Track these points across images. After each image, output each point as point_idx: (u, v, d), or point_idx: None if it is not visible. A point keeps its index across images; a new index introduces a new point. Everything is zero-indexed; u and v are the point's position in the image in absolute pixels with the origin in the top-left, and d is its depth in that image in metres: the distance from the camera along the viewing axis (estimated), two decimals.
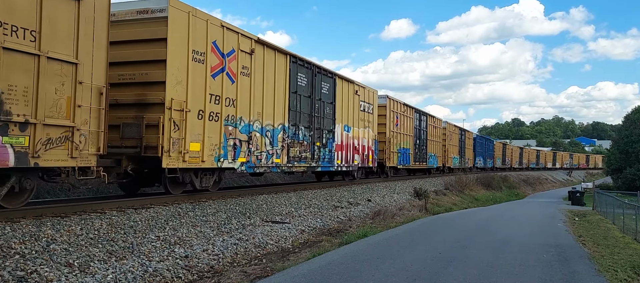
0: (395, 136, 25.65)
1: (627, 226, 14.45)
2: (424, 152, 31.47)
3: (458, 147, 42.24)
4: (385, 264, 7.92)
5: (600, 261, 9.03)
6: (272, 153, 14.30)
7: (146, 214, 9.58)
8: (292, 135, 15.38)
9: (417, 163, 30.05)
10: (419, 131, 30.35)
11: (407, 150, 27.86)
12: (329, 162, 17.93)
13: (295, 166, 15.69)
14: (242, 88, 12.93)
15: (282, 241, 10.06)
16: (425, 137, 31.66)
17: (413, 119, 29.00)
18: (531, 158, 77.91)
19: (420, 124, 30.91)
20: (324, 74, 17.79)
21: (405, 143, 27.47)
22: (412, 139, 28.69)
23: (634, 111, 43.03)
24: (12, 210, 8.32)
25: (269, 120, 14.21)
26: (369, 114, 22.01)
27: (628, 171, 39.23)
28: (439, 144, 35.75)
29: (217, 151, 11.98)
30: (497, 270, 7.82)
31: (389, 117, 24.72)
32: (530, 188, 51.83)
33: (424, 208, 18.32)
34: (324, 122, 17.53)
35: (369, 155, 22.00)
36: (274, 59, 14.46)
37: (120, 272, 6.68)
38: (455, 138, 40.94)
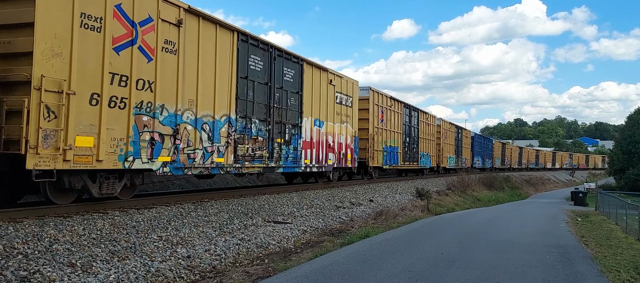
0: (380, 133, 23.31)
1: (630, 227, 14.40)
2: (415, 151, 29.27)
3: (454, 146, 40.25)
4: (387, 264, 7.91)
5: (603, 262, 9.01)
6: (211, 151, 11.69)
7: (148, 214, 9.60)
8: (242, 129, 12.82)
9: (406, 163, 27.74)
10: (408, 128, 28.03)
11: (395, 149, 25.58)
12: (293, 162, 15.29)
13: (245, 167, 13.05)
14: (165, 68, 10.20)
15: (284, 241, 10.06)
16: (416, 134, 29.44)
17: (402, 114, 26.71)
18: (531, 158, 76.66)
19: (411, 120, 28.61)
20: (287, 58, 14.99)
21: (393, 141, 25.16)
22: (400, 136, 26.37)
23: (637, 111, 42.96)
24: None
25: (207, 111, 11.56)
26: (348, 108, 19.50)
27: (631, 171, 39.16)
28: (433, 143, 33.61)
29: (124, 147, 9.27)
30: (499, 271, 7.81)
31: (372, 112, 22.34)
32: (532, 189, 51.72)
33: (426, 208, 18.30)
34: (286, 114, 14.88)
35: (348, 154, 19.62)
36: (215, 35, 11.77)
37: (123, 272, 6.69)
38: (451, 136, 39.03)
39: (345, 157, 19.41)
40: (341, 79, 18.92)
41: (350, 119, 19.79)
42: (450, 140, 38.64)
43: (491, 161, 55.34)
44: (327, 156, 17.81)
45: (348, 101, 19.59)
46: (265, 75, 13.90)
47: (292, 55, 15.33)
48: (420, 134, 30.12)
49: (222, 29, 12.10)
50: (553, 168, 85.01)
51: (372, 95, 22.46)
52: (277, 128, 14.46)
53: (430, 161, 32.88)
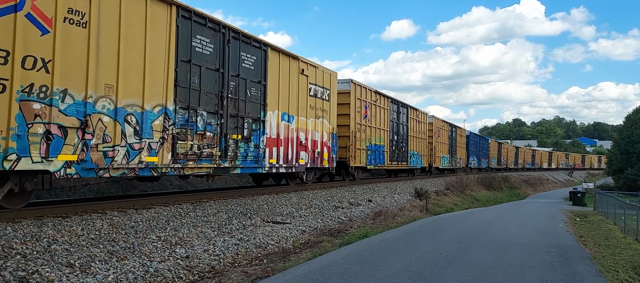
0: (364, 130, 21.44)
1: (629, 227, 14.43)
2: (404, 150, 27.31)
3: (448, 145, 38.35)
4: (386, 264, 7.92)
5: (601, 262, 9.02)
6: (139, 149, 9.70)
7: (147, 214, 9.59)
8: (184, 122, 10.90)
9: (394, 163, 25.89)
10: (397, 125, 26.18)
11: (381, 148, 23.70)
12: (254, 161, 13.42)
13: (189, 167, 11.14)
14: (69, 44, 8.34)
15: (283, 241, 10.06)
16: (405, 132, 27.58)
17: (389, 110, 24.81)
18: (527, 158, 75.49)
19: (399, 117, 26.65)
20: (245, 41, 12.98)
21: (378, 139, 23.27)
22: (387, 134, 24.48)
23: (635, 111, 43.02)
24: None
25: (132, 99, 9.54)
26: (324, 101, 17.57)
27: (629, 171, 39.24)
28: (424, 141, 31.57)
29: (2, 143, 7.47)
30: (498, 271, 7.81)
31: (354, 107, 20.50)
32: (531, 189, 51.78)
33: (425, 208, 18.31)
34: (246, 107, 12.99)
35: (324, 152, 17.63)
36: (145, 7, 9.86)
37: (121, 272, 6.68)
38: (444, 135, 37.17)
39: (320, 156, 17.40)
40: (316, 69, 16.98)
41: (327, 114, 17.87)
42: (443, 139, 36.96)
43: (487, 161, 54.07)
44: (299, 155, 15.81)
45: (325, 94, 17.66)
46: (217, 60, 11.92)
47: (252, 38, 13.27)
48: (409, 132, 28.36)
49: (156, 1, 10.11)
50: (549, 169, 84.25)
51: (353, 89, 20.64)
52: (233, 122, 12.54)
53: (421, 161, 31.05)
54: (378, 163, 23.42)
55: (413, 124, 29.06)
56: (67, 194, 13.20)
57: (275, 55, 14.48)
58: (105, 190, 14.33)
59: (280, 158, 14.79)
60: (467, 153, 45.36)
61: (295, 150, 15.63)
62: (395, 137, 25.91)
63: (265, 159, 13.96)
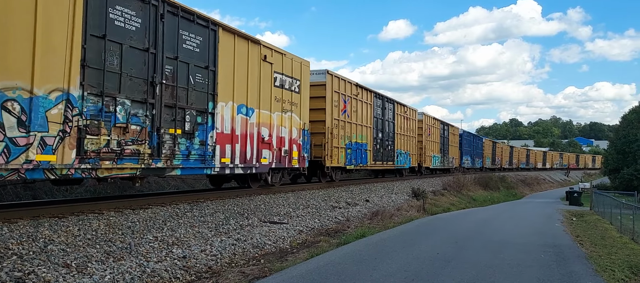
0: (342, 126, 19.44)
1: (625, 226, 14.48)
2: (390, 148, 25.19)
3: (439, 144, 36.26)
4: (383, 264, 7.92)
5: (597, 261, 9.05)
6: (26, 144, 7.61)
7: (144, 215, 9.57)
8: (96, 112, 8.76)
9: (378, 163, 23.74)
10: (381, 122, 24.01)
11: (363, 146, 21.59)
12: (200, 161, 11.36)
13: (105, 168, 9.00)
14: None
15: (280, 241, 10.06)
16: (391, 130, 25.46)
17: (372, 105, 22.67)
18: (521, 158, 74.01)
19: (384, 113, 24.48)
20: (187, 18, 10.94)
21: (360, 136, 21.25)
22: (370, 131, 22.34)
23: (631, 111, 43.19)
24: None
25: (13, 81, 7.44)
26: (294, 93, 15.57)
27: (625, 171, 39.38)
28: (413, 140, 29.47)
29: None
30: (495, 271, 7.83)
31: (330, 100, 18.48)
32: (528, 189, 51.92)
33: (422, 208, 18.33)
34: (188, 96, 10.88)
35: (293, 151, 15.59)
36: None
37: (118, 273, 6.67)
38: (435, 133, 35.18)
39: (289, 155, 15.35)
40: (283, 56, 14.93)
41: (297, 107, 15.80)
42: (434, 138, 34.95)
43: (481, 160, 52.35)
44: (260, 154, 13.74)
45: (294, 85, 15.61)
46: (146, 39, 9.80)
47: (196, 15, 11.14)
48: (396, 129, 26.23)
49: None
50: (544, 168, 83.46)
51: (330, 81, 18.63)
52: (170, 114, 10.46)
53: (409, 160, 28.84)
54: (359, 163, 21.31)
55: (400, 121, 27.08)
56: (63, 194, 13.17)
57: (229, 37, 12.34)
58: (102, 190, 14.30)
59: (236, 158, 12.67)
60: (461, 153, 43.90)
61: (255, 148, 13.55)
62: (379, 134, 23.82)
63: (215, 158, 11.81)
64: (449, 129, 39.79)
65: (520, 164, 71.87)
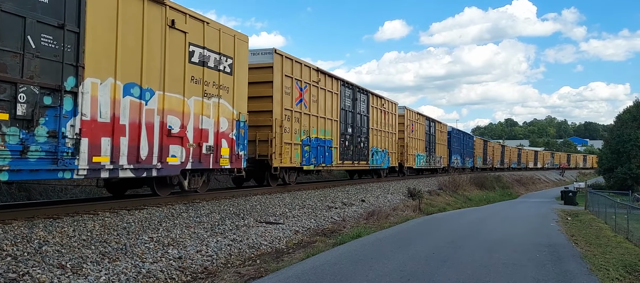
0: (297, 118, 16.40)
1: (619, 225, 14.56)
2: (363, 146, 22.18)
3: (425, 142, 33.62)
4: (379, 264, 7.93)
5: (592, 260, 9.09)
6: None
7: (139, 215, 9.54)
8: None
9: (348, 162, 20.74)
10: (352, 115, 21.19)
11: (327, 143, 18.63)
12: (48, 161, 7.98)
13: None
14: None
15: (276, 242, 10.05)
16: (364, 124, 22.51)
17: (339, 95, 19.72)
18: (513, 157, 72.47)
19: (356, 105, 21.54)
20: None
21: (322, 131, 18.21)
22: (336, 125, 19.43)
23: (626, 111, 43.48)
24: None
25: None
26: (224, 75, 12.42)
27: (619, 170, 39.64)
28: (392, 137, 26.57)
29: None
30: (490, 270, 7.85)
31: (280, 86, 15.45)
32: (523, 188, 52.11)
33: (418, 208, 18.37)
34: (25, 65, 7.54)
35: (222, 148, 12.47)
36: None
37: (113, 274, 6.64)
38: (420, 129, 32.45)
39: (215, 152, 12.18)
40: (205, 25, 11.71)
41: (228, 92, 12.63)
42: (419, 135, 32.10)
43: (472, 160, 49.97)
44: (165, 151, 10.54)
45: (224, 64, 12.43)
46: None
47: None
48: (371, 124, 23.14)
49: None
50: (535, 168, 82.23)
51: (280, 62, 15.45)
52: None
53: (388, 160, 25.86)
54: (321, 163, 18.16)
55: (377, 115, 24.00)
56: (58, 195, 13.11)
57: None
58: (97, 192, 14.24)
59: (122, 156, 9.39)
60: (450, 152, 41.58)
61: (157, 144, 10.30)
62: (349, 129, 20.75)
63: (80, 156, 8.47)
64: (436, 125, 37.18)
65: (511, 164, 70.52)
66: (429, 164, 34.84)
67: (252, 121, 14.37)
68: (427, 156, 34.28)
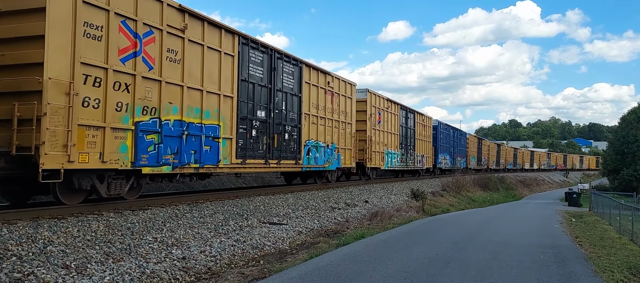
0: (122, 85, 9.79)
1: (624, 227, 14.49)
2: (289, 138, 15.88)
3: (399, 136, 27.17)
4: (382, 265, 7.92)
5: (596, 262, 9.06)
6: None
7: (143, 216, 9.57)
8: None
9: (255, 162, 14.07)
10: (267, 93, 14.61)
11: (209, 130, 12.15)
12: None
13: None
14: None
15: (279, 242, 10.06)
16: (294, 108, 16.21)
17: (236, 58, 13.18)
18: (508, 157, 67.69)
19: (275, 79, 14.96)
20: None
21: (193, 111, 11.64)
22: (231, 104, 13.01)
23: (630, 112, 43.26)
24: None
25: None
26: None
27: (624, 172, 39.43)
28: (347, 128, 20.23)
29: None
30: (494, 272, 7.83)
31: (70, 31, 8.71)
32: (527, 190, 51.94)
33: (421, 209, 18.34)
34: None
35: None
36: None
37: (118, 274, 6.66)
38: (391, 121, 25.99)
39: None
40: None
41: None
42: (390, 127, 25.76)
43: (465, 160, 44.86)
44: None
45: None
46: None
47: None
48: (305, 108, 16.77)
49: None
50: (531, 170, 78.03)
51: None
52: None
53: (338, 159, 19.42)
54: (190, 162, 11.48)
55: (317, 96, 17.65)
56: None
57: None
58: None
59: None
60: (436, 150, 35.88)
61: None
62: (260, 113, 14.35)
63: None
64: (415, 117, 30.63)
65: (507, 165, 66.11)
66: (405, 164, 28.56)
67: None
68: (402, 154, 28.00)
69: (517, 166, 71.35)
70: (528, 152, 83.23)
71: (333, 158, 19.22)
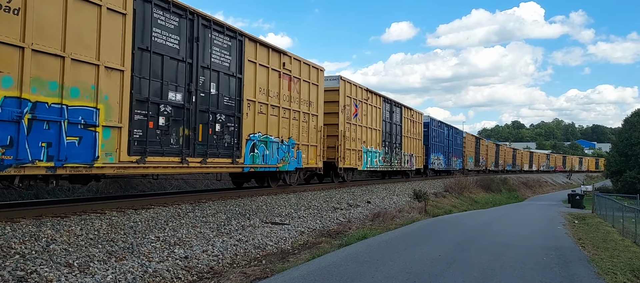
0: None
1: (627, 229, 14.45)
2: (223, 131, 12.34)
3: (381, 133, 23.97)
4: (384, 266, 7.92)
5: (599, 264, 9.03)
6: None
7: (146, 215, 9.58)
8: None
9: (166, 159, 10.56)
10: (188, 70, 11.25)
11: (76, 115, 8.63)
12: None
13: None
14: None
15: (281, 242, 10.06)
16: (233, 92, 12.73)
17: (132, 17, 9.66)
18: (508, 158, 64.28)
19: (202, 54, 11.65)
20: None
21: (50, 87, 8.20)
22: (119, 79, 9.45)
23: (634, 114, 43.13)
24: None
25: None
26: None
27: (628, 174, 39.34)
28: (311, 120, 16.94)
29: None
30: (496, 273, 7.82)
31: None
32: (529, 191, 51.82)
33: (424, 210, 18.32)
34: None
35: None
36: None
37: (120, 273, 6.68)
38: (372, 115, 22.81)
39: None
40: None
41: None
42: (369, 122, 22.48)
43: (461, 160, 42.14)
44: None
45: None
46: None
47: None
48: (247, 93, 13.25)
49: None
50: (529, 171, 75.20)
51: None
52: None
53: (297, 156, 16.08)
54: (38, 160, 7.99)
55: (264, 79, 14.14)
56: (65, 194, 13.19)
57: None
58: (104, 190, 14.33)
59: None
60: (428, 149, 32.96)
61: None
62: (174, 95, 10.93)
63: None
64: (402, 111, 27.18)
65: (506, 166, 62.76)
66: (389, 165, 25.35)
67: None
68: (386, 152, 24.93)
69: (516, 168, 68.66)
70: (527, 152, 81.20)
71: (291, 157, 15.58)
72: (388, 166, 25.26)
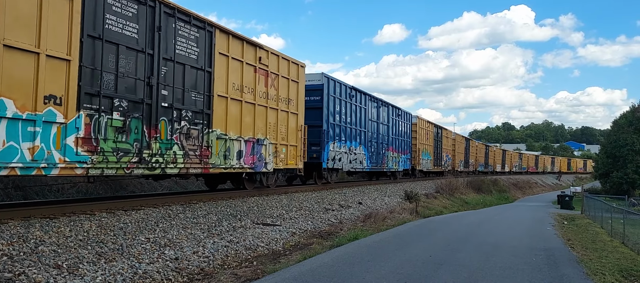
0: None
1: (615, 230, 14.59)
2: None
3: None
4: (375, 267, 7.93)
5: (588, 264, 9.11)
6: None
7: (136, 216, 9.51)
8: None
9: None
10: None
11: None
12: None
13: None
14: None
15: (273, 243, 10.04)
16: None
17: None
18: (479, 157, 57.17)
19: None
20: None
21: None
22: None
23: (622, 116, 43.61)
24: None
25: None
26: None
27: (615, 175, 39.78)
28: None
29: None
30: (486, 273, 7.86)
31: None
32: (520, 192, 52.17)
33: (415, 211, 18.37)
34: None
35: None
36: None
37: (110, 274, 6.62)
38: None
39: None
40: None
41: None
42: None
43: (409, 157, 29.84)
44: None
45: None
46: None
47: None
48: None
49: None
50: (502, 172, 67.78)
51: None
52: None
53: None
54: None
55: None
56: (54, 195, 13.06)
57: None
58: (94, 191, 14.21)
59: None
60: (323, 139, 20.48)
61: None
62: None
63: None
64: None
65: (478, 166, 55.96)
66: (375, 165, 23.87)
67: None
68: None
69: (488, 168, 61.21)
70: (500, 151, 74.94)
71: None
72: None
